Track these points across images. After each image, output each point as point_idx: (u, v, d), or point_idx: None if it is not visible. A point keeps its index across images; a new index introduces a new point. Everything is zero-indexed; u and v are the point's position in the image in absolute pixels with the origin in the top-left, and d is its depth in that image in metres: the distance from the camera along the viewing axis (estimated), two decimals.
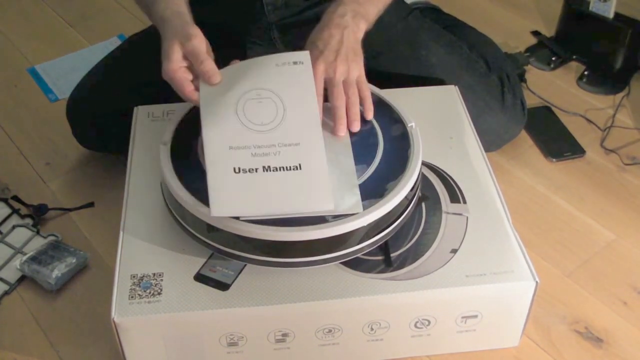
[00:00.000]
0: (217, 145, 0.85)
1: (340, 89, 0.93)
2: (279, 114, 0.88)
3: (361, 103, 0.95)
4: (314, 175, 0.84)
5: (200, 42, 0.89)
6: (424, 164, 0.98)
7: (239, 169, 0.84)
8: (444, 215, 0.92)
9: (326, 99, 0.94)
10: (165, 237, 0.89)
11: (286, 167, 0.84)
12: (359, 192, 0.84)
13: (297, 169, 0.84)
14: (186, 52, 0.89)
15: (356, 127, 0.93)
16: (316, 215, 0.82)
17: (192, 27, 0.91)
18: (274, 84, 0.90)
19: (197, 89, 0.89)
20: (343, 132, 0.93)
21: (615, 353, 0.94)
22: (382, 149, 0.91)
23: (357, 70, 0.95)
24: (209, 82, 0.89)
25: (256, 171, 0.84)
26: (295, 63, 0.91)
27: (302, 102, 0.89)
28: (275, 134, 0.86)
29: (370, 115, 0.95)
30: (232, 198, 0.82)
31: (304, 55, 0.92)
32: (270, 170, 0.84)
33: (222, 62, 0.93)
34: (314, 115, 0.88)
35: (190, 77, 0.90)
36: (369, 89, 0.96)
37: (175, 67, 0.88)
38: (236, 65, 0.93)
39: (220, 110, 0.88)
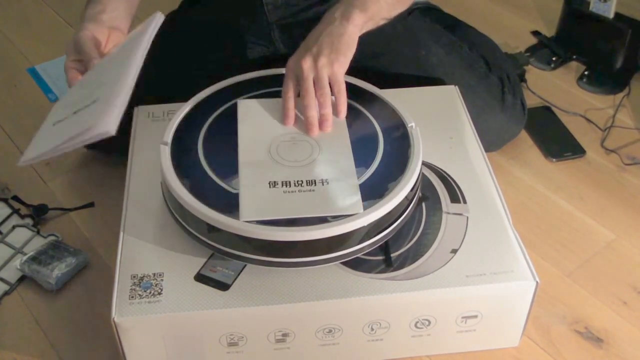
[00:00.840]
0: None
1: (309, 87, 0.91)
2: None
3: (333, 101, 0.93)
4: None
5: (83, 35, 0.94)
6: (424, 164, 0.98)
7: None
8: (444, 215, 0.92)
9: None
10: (165, 237, 0.89)
11: None
12: (359, 192, 0.84)
13: None
14: (75, 48, 0.94)
15: (325, 128, 0.92)
16: (317, 216, 0.82)
17: (89, 23, 0.97)
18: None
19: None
20: (313, 133, 0.91)
21: (615, 353, 0.94)
22: (383, 149, 0.91)
23: (329, 67, 0.92)
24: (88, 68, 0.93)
25: None
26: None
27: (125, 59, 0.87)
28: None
29: (340, 115, 0.94)
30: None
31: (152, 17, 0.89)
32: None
33: (222, 61, 0.94)
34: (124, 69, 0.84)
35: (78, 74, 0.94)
36: (343, 87, 0.94)
37: (67, 65, 0.94)
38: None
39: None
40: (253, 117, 0.95)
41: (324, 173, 0.87)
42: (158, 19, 0.88)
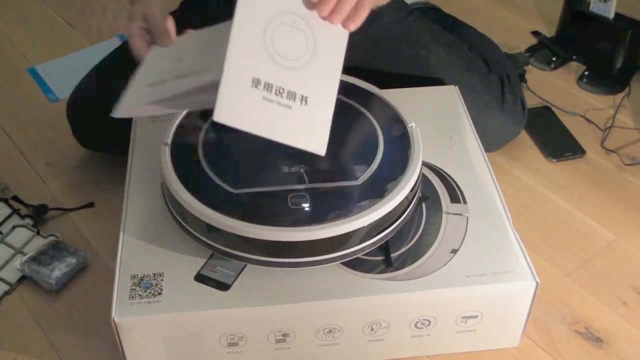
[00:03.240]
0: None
1: None
2: None
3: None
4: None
5: (155, 11, 0.89)
6: (424, 164, 0.98)
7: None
8: (444, 216, 0.92)
9: None
10: (165, 237, 0.89)
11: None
12: (328, 132, 0.77)
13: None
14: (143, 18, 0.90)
15: (334, 19, 0.80)
16: (315, 215, 0.82)
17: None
18: None
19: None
20: (322, 12, 0.79)
21: (615, 353, 0.94)
22: (383, 149, 0.91)
23: None
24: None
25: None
26: None
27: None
28: None
29: (349, 25, 0.81)
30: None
31: None
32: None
33: None
34: None
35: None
36: (369, 5, 0.82)
37: (132, 30, 0.89)
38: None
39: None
40: None
41: (307, 87, 0.78)
42: None
